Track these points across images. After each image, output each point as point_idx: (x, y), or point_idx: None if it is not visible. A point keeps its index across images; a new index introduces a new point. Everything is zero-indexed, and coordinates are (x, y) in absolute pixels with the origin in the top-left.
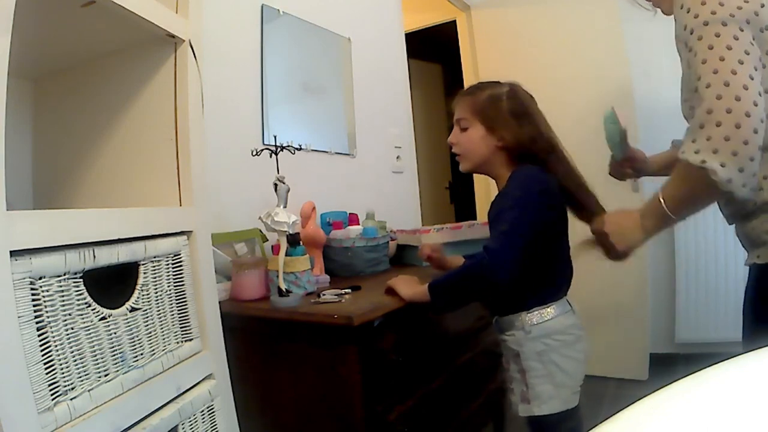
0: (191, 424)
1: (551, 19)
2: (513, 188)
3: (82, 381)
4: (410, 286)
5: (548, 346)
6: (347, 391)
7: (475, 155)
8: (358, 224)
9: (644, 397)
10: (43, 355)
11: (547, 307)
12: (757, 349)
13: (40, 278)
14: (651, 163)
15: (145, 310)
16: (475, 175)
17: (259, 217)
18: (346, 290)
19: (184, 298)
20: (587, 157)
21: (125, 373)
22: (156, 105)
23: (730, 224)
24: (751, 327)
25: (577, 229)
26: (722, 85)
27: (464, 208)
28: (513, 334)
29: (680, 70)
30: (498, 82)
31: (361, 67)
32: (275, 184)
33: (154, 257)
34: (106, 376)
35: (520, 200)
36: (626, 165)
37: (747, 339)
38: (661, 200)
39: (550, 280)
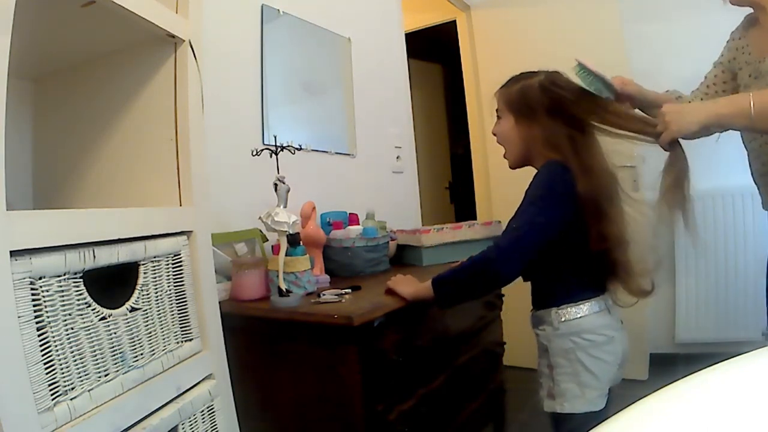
0: (191, 424)
1: (551, 19)
2: (535, 185)
3: (82, 381)
4: (411, 285)
5: (576, 345)
6: (347, 391)
7: (511, 147)
8: (358, 224)
9: (644, 397)
10: (43, 355)
11: (579, 304)
12: None
13: (40, 278)
14: (645, 96)
15: (145, 310)
16: (475, 175)
17: (259, 217)
18: (346, 290)
19: (184, 298)
20: None
21: (125, 373)
22: (156, 105)
23: (765, 209)
24: None
25: None
26: None
27: (464, 208)
28: (544, 329)
29: (680, 70)
30: (535, 72)
31: (361, 67)
32: (275, 184)
33: (154, 257)
34: (106, 376)
35: (538, 199)
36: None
37: None
38: (751, 99)
39: (579, 277)
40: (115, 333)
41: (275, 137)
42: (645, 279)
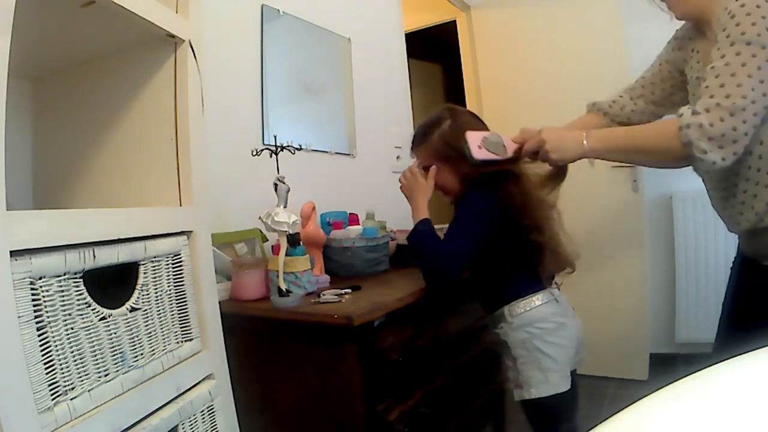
0: (191, 424)
1: (551, 19)
2: (462, 205)
3: (82, 381)
4: (422, 202)
5: (531, 334)
6: (347, 391)
7: (453, 189)
8: (358, 224)
9: (644, 397)
10: (43, 355)
11: (527, 299)
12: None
13: (40, 278)
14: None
15: (145, 310)
16: None
17: (259, 217)
18: (346, 290)
19: (184, 298)
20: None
21: (125, 373)
22: (156, 105)
23: (730, 230)
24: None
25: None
26: (740, 96)
27: None
28: (501, 327)
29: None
30: (439, 117)
31: (361, 67)
32: (275, 184)
33: (154, 257)
34: (106, 376)
35: (467, 215)
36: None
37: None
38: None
39: (523, 275)
40: (115, 333)
41: (275, 137)
42: (569, 256)
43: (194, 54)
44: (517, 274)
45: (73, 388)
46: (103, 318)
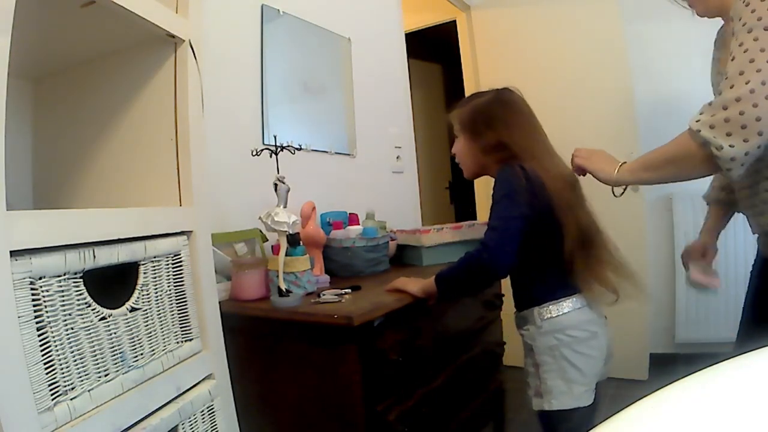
0: (191, 424)
1: (551, 19)
2: (497, 187)
3: (82, 381)
4: (417, 282)
5: (560, 341)
6: (347, 391)
7: (466, 162)
8: (358, 224)
9: (644, 397)
10: (43, 355)
11: (560, 302)
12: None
13: (40, 278)
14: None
15: (145, 310)
16: None
17: (259, 217)
18: (346, 290)
19: (184, 298)
20: None
21: (125, 373)
22: (156, 105)
23: (754, 232)
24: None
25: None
26: (759, 82)
27: (464, 208)
28: (528, 328)
29: (679, 69)
30: (486, 91)
31: (361, 67)
32: (275, 184)
33: (154, 257)
34: (106, 376)
35: (504, 195)
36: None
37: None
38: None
39: (558, 275)
40: (115, 333)
41: (275, 137)
42: (617, 275)
43: (194, 54)
44: (553, 272)
45: (73, 388)
46: (103, 318)
